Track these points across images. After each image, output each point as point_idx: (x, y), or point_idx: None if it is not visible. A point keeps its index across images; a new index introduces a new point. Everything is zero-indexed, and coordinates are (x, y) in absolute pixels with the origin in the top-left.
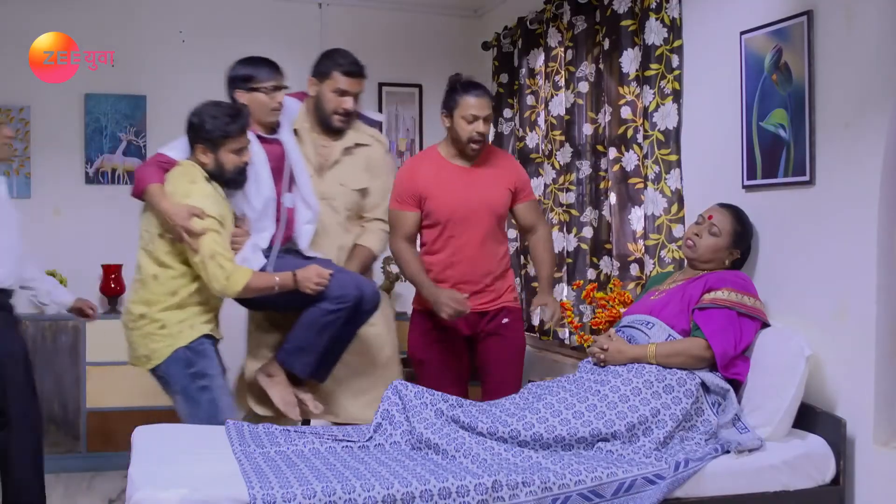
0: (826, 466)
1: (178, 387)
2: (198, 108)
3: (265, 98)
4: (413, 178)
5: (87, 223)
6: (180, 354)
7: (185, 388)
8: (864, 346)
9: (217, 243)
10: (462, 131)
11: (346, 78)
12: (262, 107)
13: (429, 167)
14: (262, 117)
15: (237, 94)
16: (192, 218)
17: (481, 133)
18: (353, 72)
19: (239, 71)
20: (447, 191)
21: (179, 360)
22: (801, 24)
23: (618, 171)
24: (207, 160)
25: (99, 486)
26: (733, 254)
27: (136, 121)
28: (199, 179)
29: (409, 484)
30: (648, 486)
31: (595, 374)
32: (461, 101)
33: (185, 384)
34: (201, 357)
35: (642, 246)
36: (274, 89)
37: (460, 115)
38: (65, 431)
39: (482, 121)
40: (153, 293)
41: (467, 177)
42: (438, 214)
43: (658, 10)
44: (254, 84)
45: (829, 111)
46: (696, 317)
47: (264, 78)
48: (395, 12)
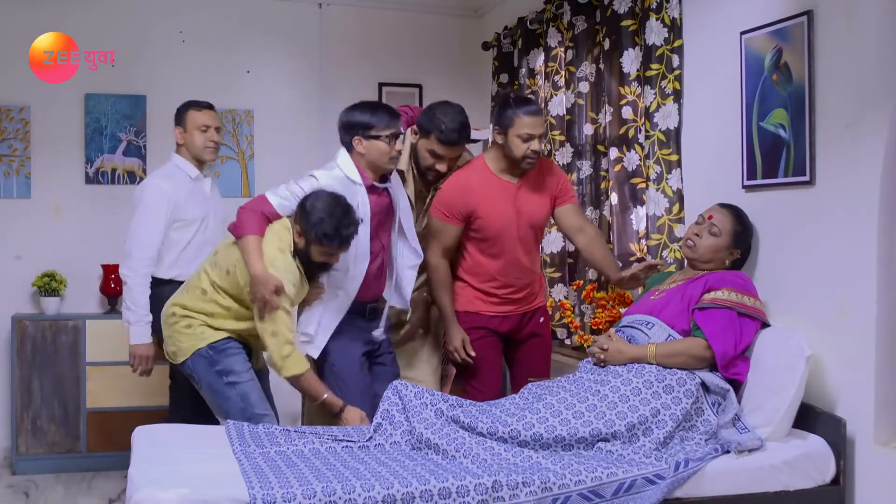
0: (826, 466)
1: (203, 382)
2: (320, 193)
3: (385, 146)
4: (464, 193)
5: (86, 223)
6: (203, 353)
7: (212, 384)
8: (865, 346)
9: (284, 324)
10: (517, 149)
11: (445, 146)
12: (381, 155)
13: (478, 182)
14: (382, 165)
15: (355, 140)
16: (274, 292)
17: (536, 151)
18: (452, 141)
19: (357, 117)
20: (497, 209)
21: (202, 357)
22: (802, 24)
23: (619, 171)
24: (300, 242)
25: (99, 486)
26: (734, 254)
27: (136, 121)
28: (287, 250)
29: (409, 484)
30: (648, 486)
31: (595, 374)
32: (516, 119)
33: (210, 380)
34: (224, 355)
35: (644, 246)
36: (393, 137)
37: (515, 133)
38: (65, 431)
39: (537, 139)
40: (193, 303)
41: (514, 193)
42: (487, 231)
43: (658, 10)
44: (374, 132)
45: (829, 111)
46: (696, 317)
47: (384, 126)
48: (395, 12)
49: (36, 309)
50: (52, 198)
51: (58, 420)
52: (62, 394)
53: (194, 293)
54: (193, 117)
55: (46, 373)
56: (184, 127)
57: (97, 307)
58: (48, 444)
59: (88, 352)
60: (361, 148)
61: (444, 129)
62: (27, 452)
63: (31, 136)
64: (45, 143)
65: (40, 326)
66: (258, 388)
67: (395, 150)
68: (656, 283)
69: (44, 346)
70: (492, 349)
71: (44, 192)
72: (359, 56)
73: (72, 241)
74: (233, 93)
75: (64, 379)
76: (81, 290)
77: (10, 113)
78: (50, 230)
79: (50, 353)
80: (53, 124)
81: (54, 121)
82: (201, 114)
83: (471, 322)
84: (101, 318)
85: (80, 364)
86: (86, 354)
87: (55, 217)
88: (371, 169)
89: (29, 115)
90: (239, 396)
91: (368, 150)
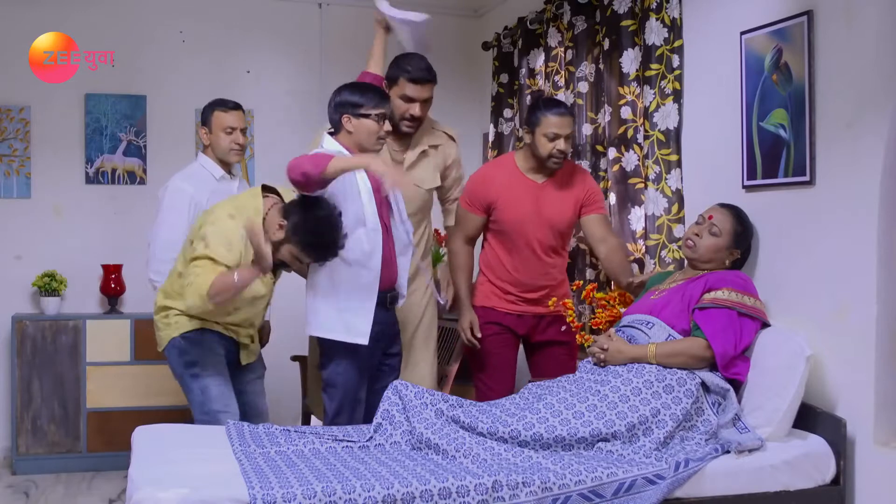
0: (826, 466)
1: (176, 373)
2: (322, 201)
3: (374, 125)
4: (486, 184)
5: (87, 223)
6: (175, 342)
7: (181, 375)
8: (865, 346)
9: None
10: (542, 148)
11: (413, 84)
12: (369, 135)
13: (503, 176)
14: (369, 145)
15: (345, 119)
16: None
17: (562, 151)
18: (419, 78)
19: (347, 97)
20: (516, 205)
21: (174, 347)
22: (802, 24)
23: (617, 171)
24: (277, 234)
25: (99, 486)
26: (734, 254)
27: (136, 121)
28: (237, 218)
29: (410, 484)
30: (648, 487)
31: (595, 374)
32: (543, 119)
33: (179, 371)
34: (196, 346)
35: (642, 246)
36: (382, 117)
37: (542, 132)
38: (65, 431)
39: (563, 139)
40: (173, 287)
41: (538, 193)
42: (504, 224)
43: (658, 10)
44: (363, 111)
45: (829, 111)
46: (696, 317)
47: (374, 105)
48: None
49: (36, 309)
50: (53, 198)
51: (58, 420)
52: (62, 394)
53: (172, 277)
54: (219, 118)
55: (46, 373)
56: (209, 128)
57: (97, 307)
58: (48, 444)
59: (88, 352)
60: (350, 126)
61: (410, 69)
62: (27, 452)
63: (32, 136)
64: (46, 143)
65: (40, 326)
66: (222, 385)
67: (384, 131)
68: (656, 282)
69: (44, 346)
70: (505, 346)
71: (44, 192)
72: (359, 56)
73: (72, 241)
74: (233, 93)
75: (64, 379)
76: (81, 290)
77: (10, 113)
78: (50, 230)
79: (50, 354)
80: (54, 124)
81: (54, 121)
82: (228, 115)
83: (486, 317)
84: (102, 318)
85: (81, 364)
86: (86, 354)
87: (55, 217)
88: (358, 149)
89: (29, 114)
90: (199, 389)
91: (357, 129)
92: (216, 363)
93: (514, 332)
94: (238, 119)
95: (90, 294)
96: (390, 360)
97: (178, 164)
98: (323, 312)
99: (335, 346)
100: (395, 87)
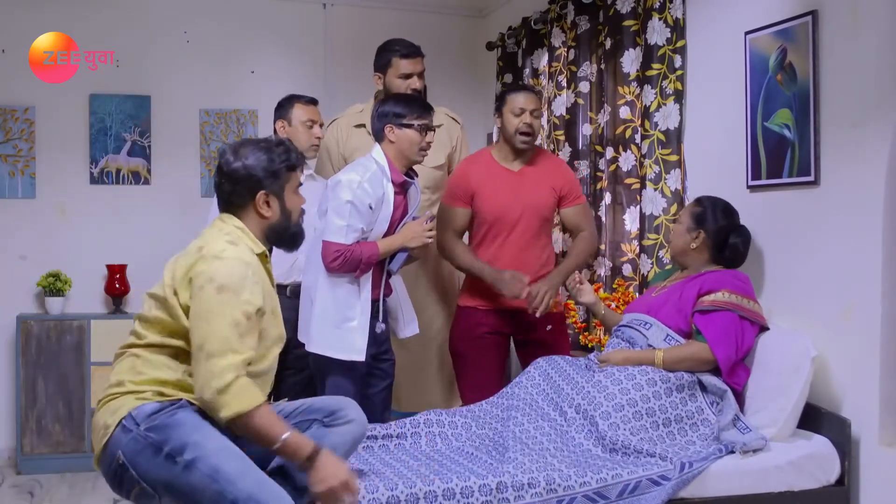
0: (831, 467)
1: (148, 480)
2: (247, 142)
3: (416, 135)
4: (466, 176)
5: (91, 223)
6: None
7: (165, 478)
8: (870, 347)
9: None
10: (509, 125)
11: (406, 60)
12: (412, 144)
13: (480, 168)
14: (411, 154)
15: (387, 129)
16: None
17: (528, 124)
18: (410, 52)
19: (390, 107)
20: (495, 192)
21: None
22: (806, 23)
23: (614, 170)
24: (270, 212)
25: (103, 486)
26: (698, 236)
27: (140, 121)
28: (240, 242)
29: (414, 485)
30: (653, 488)
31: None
32: (508, 97)
33: (159, 473)
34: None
35: (636, 246)
36: (425, 128)
37: (508, 109)
38: (70, 431)
39: (529, 113)
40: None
41: (515, 180)
42: (485, 214)
43: (661, 11)
44: (406, 121)
45: (834, 111)
46: (697, 320)
47: (416, 116)
48: (399, 12)
49: (41, 309)
50: (57, 198)
51: (62, 420)
52: (67, 394)
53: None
54: (299, 112)
55: (51, 373)
56: (288, 121)
57: (102, 307)
58: (53, 444)
59: (93, 352)
60: (393, 136)
61: (398, 48)
62: (32, 452)
63: (36, 137)
64: (50, 144)
65: (45, 326)
66: (229, 449)
67: (426, 142)
68: (660, 279)
69: (48, 346)
70: (493, 346)
71: (48, 193)
72: (363, 56)
73: (76, 242)
74: (237, 93)
75: (68, 379)
76: (86, 290)
77: (14, 113)
78: (55, 230)
79: (55, 353)
80: (58, 125)
81: (59, 121)
82: (307, 108)
83: (469, 318)
84: (106, 318)
85: (85, 364)
86: (90, 354)
87: (60, 217)
88: (399, 160)
89: (34, 115)
90: (207, 475)
91: (399, 139)
92: (201, 426)
93: (500, 331)
94: (317, 113)
95: (95, 294)
96: (382, 364)
97: (183, 165)
98: (321, 328)
99: (332, 362)
100: (390, 70)
